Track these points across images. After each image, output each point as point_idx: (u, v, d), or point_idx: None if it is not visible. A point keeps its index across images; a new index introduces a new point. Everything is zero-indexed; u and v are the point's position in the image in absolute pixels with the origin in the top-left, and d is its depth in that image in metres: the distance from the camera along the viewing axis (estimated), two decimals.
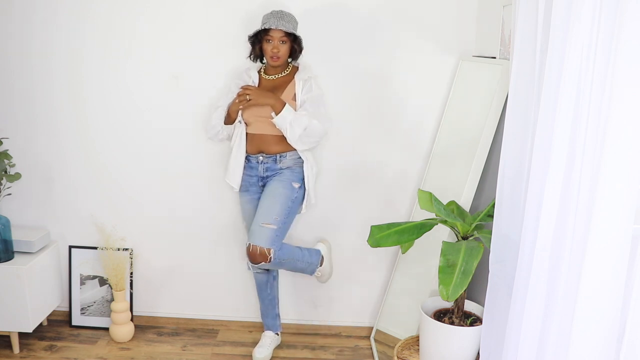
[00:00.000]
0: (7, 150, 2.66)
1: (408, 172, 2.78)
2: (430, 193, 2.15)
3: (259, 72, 2.54)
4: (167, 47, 2.66)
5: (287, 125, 2.37)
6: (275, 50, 2.39)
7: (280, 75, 2.51)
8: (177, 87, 2.70)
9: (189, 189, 2.83)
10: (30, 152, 2.78)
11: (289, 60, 2.52)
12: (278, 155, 2.48)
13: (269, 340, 2.73)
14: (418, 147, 2.75)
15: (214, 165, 2.79)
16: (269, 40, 2.39)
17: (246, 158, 2.52)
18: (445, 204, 2.30)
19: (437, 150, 2.68)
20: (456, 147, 2.57)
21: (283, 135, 2.42)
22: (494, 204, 1.97)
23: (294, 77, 2.49)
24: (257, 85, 2.48)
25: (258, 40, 2.43)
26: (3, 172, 2.61)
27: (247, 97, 2.38)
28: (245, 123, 2.50)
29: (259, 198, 2.53)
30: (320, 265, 2.62)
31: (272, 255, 2.35)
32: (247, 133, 2.50)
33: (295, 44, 2.44)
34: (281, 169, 2.50)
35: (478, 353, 2.18)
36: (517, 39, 1.76)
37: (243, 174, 2.53)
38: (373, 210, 2.81)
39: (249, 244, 2.38)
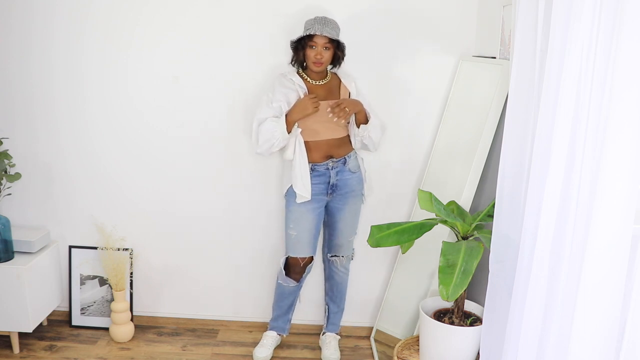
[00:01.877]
0: (7, 150, 2.66)
1: (408, 172, 2.78)
2: (430, 193, 2.15)
3: (301, 77, 2.51)
4: (168, 48, 2.66)
5: (377, 130, 2.54)
6: (319, 57, 2.40)
7: (325, 80, 2.53)
8: (178, 87, 2.70)
9: (189, 189, 2.83)
10: (30, 152, 2.78)
11: (330, 67, 2.55)
12: (346, 157, 2.54)
13: (270, 341, 2.73)
14: (418, 147, 2.75)
15: (215, 165, 2.79)
16: (313, 46, 2.39)
17: (311, 168, 2.49)
18: (445, 204, 2.30)
19: (437, 150, 2.68)
20: (456, 147, 2.57)
21: (345, 137, 2.54)
22: (494, 204, 1.97)
23: (340, 81, 2.56)
24: (306, 91, 2.48)
25: (301, 46, 2.43)
26: (3, 172, 2.61)
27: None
28: (307, 131, 2.46)
29: (324, 207, 2.58)
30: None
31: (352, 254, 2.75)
32: (307, 141, 2.48)
33: (338, 51, 2.46)
34: (350, 171, 2.55)
35: (478, 353, 2.18)
36: (517, 39, 1.76)
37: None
38: (373, 210, 2.81)
39: (336, 255, 2.69)
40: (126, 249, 2.84)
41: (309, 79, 2.51)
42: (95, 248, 2.86)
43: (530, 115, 1.73)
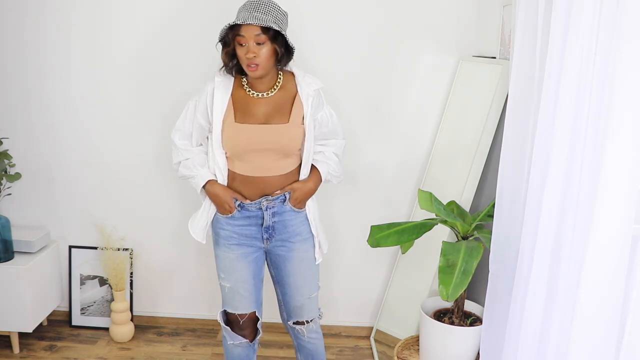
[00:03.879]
0: (7, 150, 2.66)
1: (408, 172, 2.78)
2: (430, 193, 2.15)
3: (241, 86, 1.92)
4: (169, 47, 2.66)
5: (336, 168, 2.07)
6: (251, 55, 1.76)
7: (274, 90, 1.90)
8: (179, 86, 2.70)
9: (189, 188, 2.83)
10: (30, 152, 2.78)
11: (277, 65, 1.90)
12: (286, 193, 1.96)
13: None
14: (418, 147, 2.75)
15: None
16: (242, 43, 1.77)
17: (238, 205, 1.95)
18: (445, 204, 2.30)
19: (437, 150, 2.68)
20: (456, 147, 2.57)
21: (290, 173, 1.96)
22: (494, 204, 1.97)
23: (296, 92, 1.91)
24: (226, 114, 1.87)
25: (229, 44, 1.84)
26: (3, 172, 2.61)
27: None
28: (237, 163, 1.94)
29: (262, 254, 2.04)
30: None
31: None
32: (233, 172, 1.95)
33: (275, 44, 1.79)
34: (293, 210, 1.98)
35: (478, 353, 2.18)
36: (517, 39, 1.76)
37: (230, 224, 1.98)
38: (373, 210, 2.81)
39: (298, 322, 2.06)
40: (126, 249, 2.84)
41: (249, 89, 1.89)
42: (95, 248, 2.86)
43: (530, 115, 1.73)
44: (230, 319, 2.06)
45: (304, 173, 1.99)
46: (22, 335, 2.73)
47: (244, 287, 1.99)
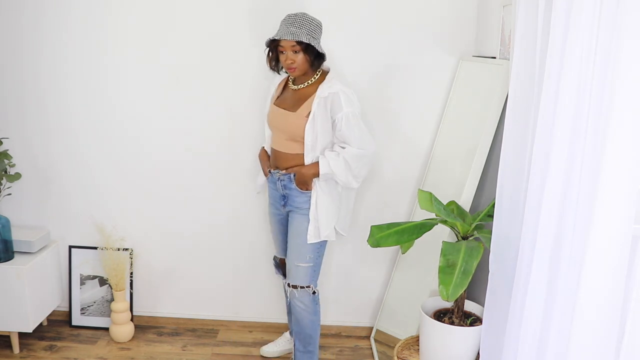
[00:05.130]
0: (7, 150, 2.66)
1: (408, 172, 2.78)
2: (430, 193, 2.15)
3: (288, 80, 2.39)
4: (169, 46, 2.66)
5: (339, 167, 2.22)
6: (289, 62, 2.19)
7: (305, 84, 2.29)
8: (179, 90, 2.70)
9: (189, 188, 2.83)
10: (30, 152, 2.78)
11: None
12: (292, 175, 2.31)
13: (282, 339, 2.75)
14: (418, 147, 2.75)
15: (214, 165, 2.79)
16: (282, 51, 2.20)
17: (269, 171, 2.41)
18: (445, 204, 2.30)
19: (437, 150, 2.68)
20: (456, 147, 2.57)
21: (296, 155, 2.29)
22: (494, 204, 1.97)
23: (316, 90, 2.25)
24: (275, 97, 2.38)
25: (273, 51, 2.26)
26: (3, 172, 2.61)
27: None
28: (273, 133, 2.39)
29: (285, 216, 2.43)
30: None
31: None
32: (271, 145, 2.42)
33: (306, 54, 2.18)
34: (298, 190, 2.31)
35: (478, 353, 2.18)
36: (517, 39, 1.76)
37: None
38: (373, 210, 2.81)
39: (289, 284, 2.40)
40: (126, 249, 2.84)
41: (290, 82, 2.36)
42: (95, 248, 2.86)
43: (530, 115, 1.73)
44: (276, 260, 2.63)
45: (307, 160, 2.27)
46: (22, 335, 2.73)
47: (276, 238, 2.55)
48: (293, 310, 2.43)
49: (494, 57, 2.43)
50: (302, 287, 2.37)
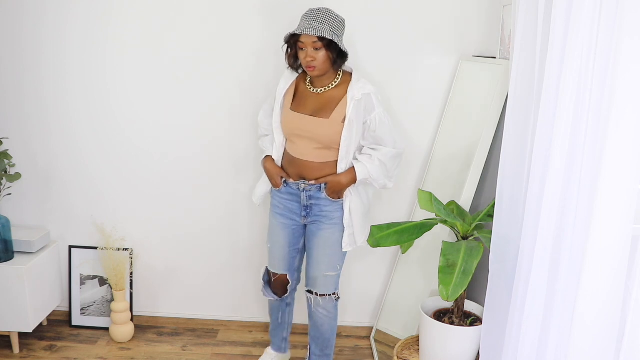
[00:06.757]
0: (7, 150, 2.66)
1: (408, 172, 2.78)
2: (430, 193, 2.15)
3: (305, 81, 2.21)
4: (168, 45, 2.66)
5: (376, 171, 2.16)
6: (309, 60, 2.04)
7: (328, 88, 2.15)
8: (179, 89, 2.70)
9: (189, 189, 2.83)
10: (30, 152, 2.78)
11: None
12: (323, 185, 2.19)
13: (268, 358, 2.60)
14: (418, 147, 2.75)
15: (215, 165, 2.79)
16: (302, 47, 2.05)
17: (284, 181, 2.25)
18: (445, 204, 2.30)
19: (437, 150, 2.68)
20: (456, 147, 2.57)
21: (328, 163, 2.18)
22: (494, 204, 1.97)
23: (346, 93, 2.12)
24: (288, 102, 2.20)
25: (292, 48, 2.12)
26: (3, 172, 2.61)
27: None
28: (289, 140, 2.22)
29: (301, 227, 2.32)
30: None
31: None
32: (286, 151, 2.26)
33: (329, 50, 2.04)
34: (328, 199, 2.20)
35: (478, 353, 2.18)
36: (517, 39, 1.76)
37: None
38: (373, 210, 2.81)
39: (310, 291, 2.32)
40: (126, 249, 2.84)
41: (309, 84, 2.19)
42: (95, 248, 2.86)
43: (530, 115, 1.73)
44: (269, 276, 2.44)
45: (341, 167, 2.17)
46: (22, 335, 2.73)
47: (279, 251, 2.35)
48: (313, 317, 2.38)
49: (494, 57, 2.43)
50: (329, 295, 2.33)
